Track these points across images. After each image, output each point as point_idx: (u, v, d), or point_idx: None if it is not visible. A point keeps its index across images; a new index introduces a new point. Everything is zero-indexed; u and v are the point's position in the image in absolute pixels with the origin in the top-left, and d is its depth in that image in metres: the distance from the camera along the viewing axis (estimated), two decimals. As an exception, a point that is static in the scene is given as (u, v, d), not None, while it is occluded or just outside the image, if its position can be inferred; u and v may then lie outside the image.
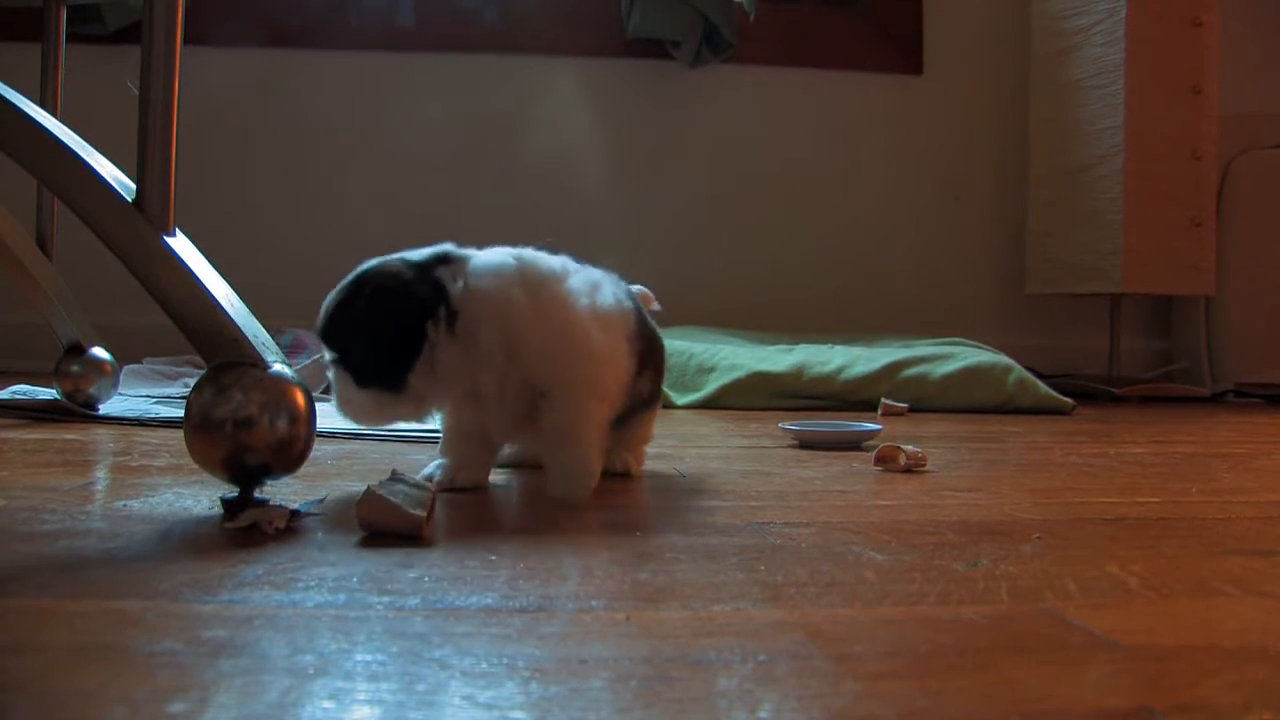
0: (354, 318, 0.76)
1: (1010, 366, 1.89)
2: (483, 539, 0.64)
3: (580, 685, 0.38)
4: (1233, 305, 2.42)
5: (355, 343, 0.77)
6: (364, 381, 0.77)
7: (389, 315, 0.76)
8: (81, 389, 1.29)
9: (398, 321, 0.76)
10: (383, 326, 0.76)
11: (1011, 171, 2.56)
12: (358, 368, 0.77)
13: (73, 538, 0.61)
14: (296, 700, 0.36)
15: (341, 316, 0.77)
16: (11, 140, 0.72)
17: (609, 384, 0.80)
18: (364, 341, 0.76)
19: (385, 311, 0.76)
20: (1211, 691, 0.39)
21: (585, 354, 0.79)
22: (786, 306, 2.49)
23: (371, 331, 0.76)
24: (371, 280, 0.76)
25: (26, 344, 1.84)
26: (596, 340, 0.79)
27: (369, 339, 0.76)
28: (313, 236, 2.39)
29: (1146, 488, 0.92)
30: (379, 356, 0.76)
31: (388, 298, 0.76)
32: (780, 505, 0.79)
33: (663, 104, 2.53)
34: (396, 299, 0.76)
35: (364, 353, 0.77)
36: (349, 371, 0.77)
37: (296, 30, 2.41)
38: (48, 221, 1.31)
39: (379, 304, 0.75)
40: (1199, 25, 2.17)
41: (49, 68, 1.28)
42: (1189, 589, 0.55)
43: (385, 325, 0.76)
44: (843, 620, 0.48)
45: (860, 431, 1.22)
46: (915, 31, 2.59)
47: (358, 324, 0.76)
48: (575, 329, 0.78)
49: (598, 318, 0.81)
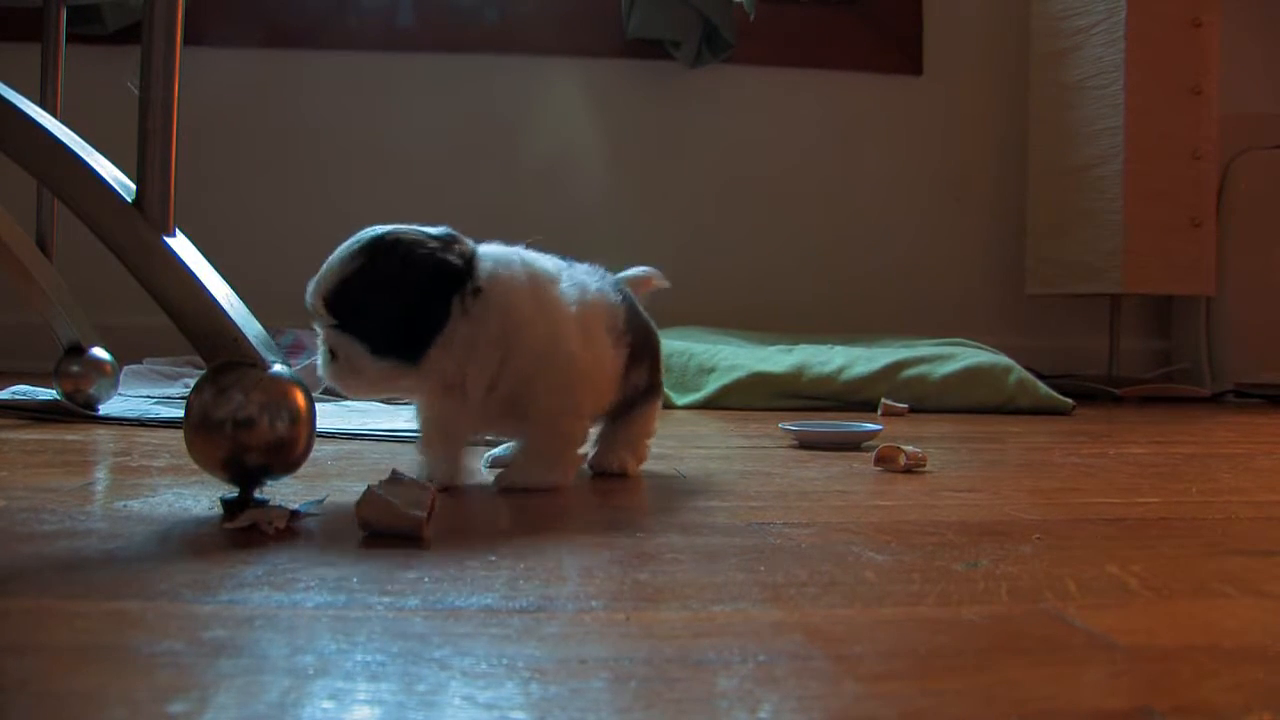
0: (376, 282, 0.73)
1: (1010, 367, 1.89)
2: (483, 539, 0.64)
3: (580, 685, 0.38)
4: (1233, 305, 2.42)
5: (376, 309, 0.73)
6: (381, 350, 0.73)
7: (417, 283, 0.73)
8: (81, 389, 1.29)
9: (428, 290, 0.73)
10: (411, 294, 0.73)
11: (1011, 171, 2.56)
12: (376, 336, 0.73)
13: (73, 538, 0.61)
14: (296, 700, 0.36)
15: (360, 281, 0.73)
16: (11, 140, 0.72)
17: (587, 405, 0.82)
18: (388, 308, 0.73)
19: (415, 279, 0.73)
20: (1211, 692, 0.39)
21: (566, 377, 0.78)
22: (786, 307, 2.49)
23: (399, 298, 0.73)
24: (395, 245, 0.73)
25: (26, 344, 1.84)
26: (580, 359, 0.79)
27: (395, 306, 0.73)
28: (313, 236, 2.37)
29: (1146, 488, 0.92)
30: (403, 326, 0.73)
31: (419, 264, 0.73)
32: (780, 505, 0.79)
33: (662, 104, 2.53)
34: (427, 266, 0.73)
35: (386, 320, 0.73)
36: (363, 340, 0.73)
37: (296, 30, 2.41)
38: (48, 221, 1.31)
39: (410, 269, 0.73)
40: (1199, 25, 2.17)
41: (49, 68, 1.28)
42: (1189, 589, 0.55)
43: (413, 293, 0.73)
44: (842, 621, 0.48)
45: (860, 432, 1.22)
46: (915, 31, 2.59)
47: (381, 289, 0.73)
48: (561, 344, 0.78)
49: (583, 317, 0.81)
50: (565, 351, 0.78)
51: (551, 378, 0.78)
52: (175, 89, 0.71)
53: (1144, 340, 2.64)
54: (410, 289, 0.73)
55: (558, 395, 0.79)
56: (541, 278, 0.80)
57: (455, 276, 0.74)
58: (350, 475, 0.87)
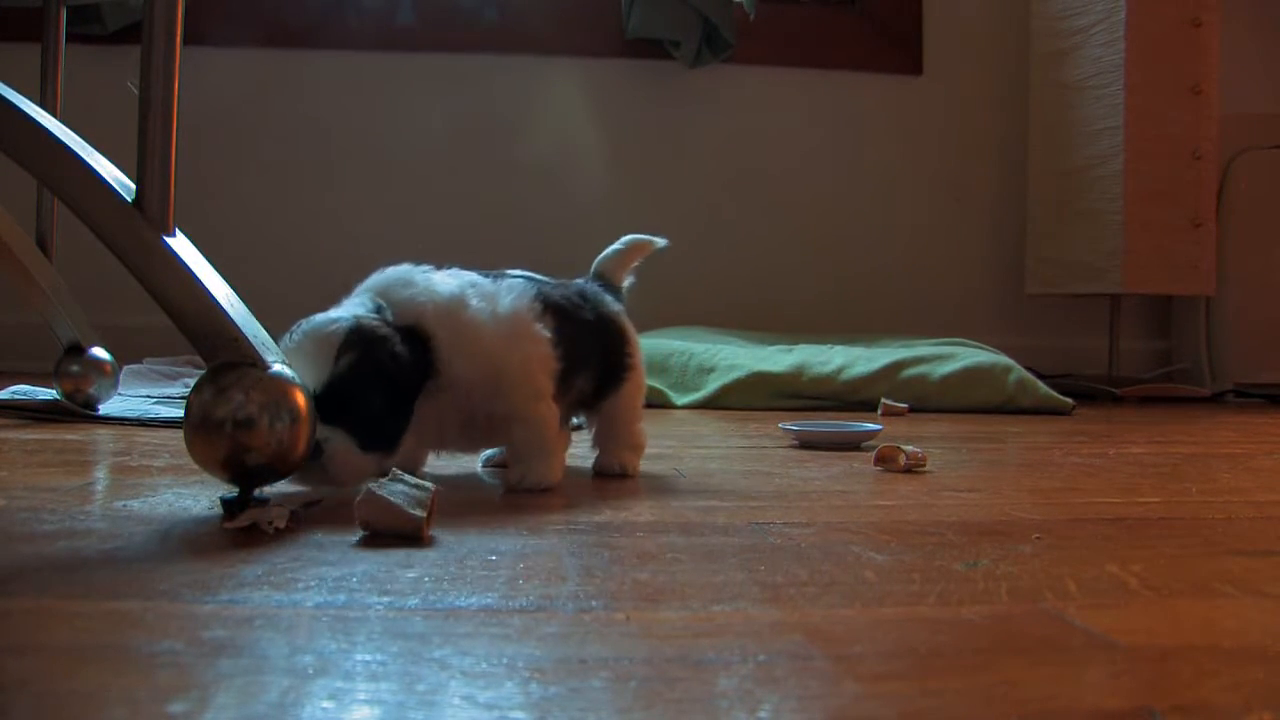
0: (359, 387, 0.74)
1: (1010, 366, 1.89)
2: (483, 539, 0.64)
3: (580, 685, 0.38)
4: (1233, 305, 2.42)
5: (364, 411, 0.74)
6: (369, 445, 0.74)
7: (393, 380, 0.75)
8: (81, 389, 1.29)
9: (401, 385, 0.76)
10: (389, 391, 0.75)
11: (1011, 171, 2.56)
12: (364, 433, 0.74)
13: (73, 538, 0.61)
14: (296, 700, 0.36)
15: (344, 388, 0.73)
16: (11, 140, 0.72)
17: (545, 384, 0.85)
18: (371, 407, 0.75)
19: (390, 377, 0.75)
20: (1211, 691, 0.39)
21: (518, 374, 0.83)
22: (786, 306, 2.49)
23: (380, 396, 0.75)
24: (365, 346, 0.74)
25: (26, 344, 1.84)
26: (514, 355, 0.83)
27: (380, 405, 0.75)
28: (312, 236, 2.39)
29: (1146, 488, 0.92)
30: (384, 420, 0.76)
31: (390, 363, 0.75)
32: (780, 505, 0.79)
33: (662, 104, 2.52)
34: (397, 365, 0.75)
35: (371, 418, 0.75)
36: (353, 437, 0.74)
37: (296, 30, 2.41)
38: (48, 221, 1.31)
39: (389, 375, 0.75)
40: (1199, 25, 2.17)
41: (49, 68, 1.28)
42: (1189, 589, 0.55)
43: (390, 390, 0.75)
44: (842, 620, 0.48)
45: (860, 431, 1.22)
46: (915, 31, 2.59)
47: (364, 392, 0.74)
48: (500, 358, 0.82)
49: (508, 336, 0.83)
50: (504, 363, 0.82)
51: (507, 388, 0.82)
52: (175, 89, 0.71)
53: (1144, 340, 2.64)
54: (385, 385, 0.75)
55: (517, 396, 0.83)
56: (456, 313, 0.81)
57: (418, 369, 0.77)
58: (350, 475, 0.87)
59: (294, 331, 0.75)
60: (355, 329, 0.74)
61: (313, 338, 0.74)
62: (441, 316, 0.79)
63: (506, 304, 0.84)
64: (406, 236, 2.33)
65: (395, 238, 2.33)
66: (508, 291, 0.85)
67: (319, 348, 0.73)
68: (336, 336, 0.74)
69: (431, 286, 0.82)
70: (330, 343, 0.73)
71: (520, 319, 0.84)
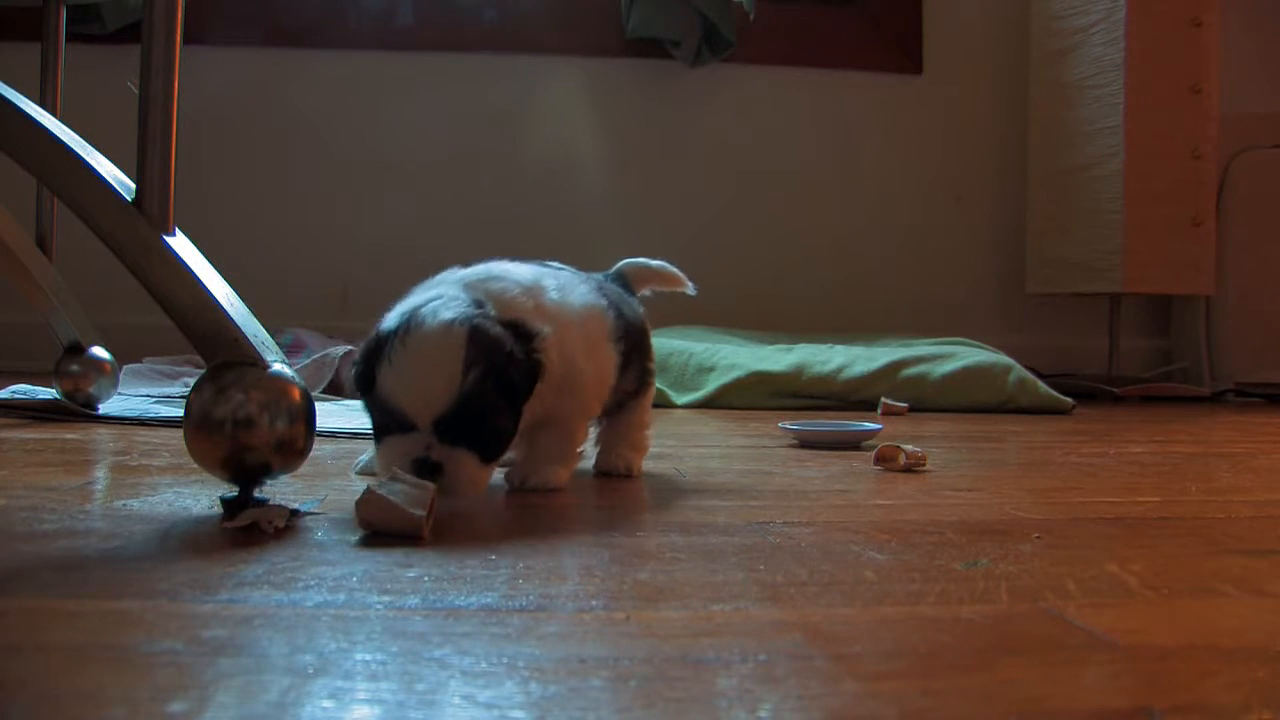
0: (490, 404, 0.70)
1: (1010, 366, 1.89)
2: (483, 539, 0.64)
3: (580, 685, 0.38)
4: (1233, 305, 2.42)
5: (491, 424, 0.71)
6: (490, 458, 0.72)
7: (516, 390, 0.72)
8: (81, 389, 1.29)
9: (522, 392, 0.73)
10: (513, 404, 0.73)
11: (1011, 171, 2.56)
12: (489, 448, 0.72)
13: (73, 538, 0.61)
14: (296, 700, 0.36)
15: (476, 407, 0.69)
16: (11, 140, 0.72)
17: (596, 409, 0.85)
18: (499, 422, 0.72)
19: (514, 387, 0.72)
20: (1211, 691, 0.39)
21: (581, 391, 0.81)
22: (786, 306, 2.49)
23: (507, 412, 0.72)
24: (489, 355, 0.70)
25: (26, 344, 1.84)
26: (587, 372, 0.81)
27: (505, 417, 0.72)
28: (312, 236, 2.39)
29: (1146, 487, 0.92)
30: (507, 430, 0.73)
31: (512, 373, 0.71)
32: (780, 505, 0.79)
33: (662, 104, 2.52)
34: (519, 373, 0.72)
35: (497, 431, 0.72)
36: (476, 452, 0.71)
37: (295, 30, 2.41)
38: (48, 221, 1.31)
39: (511, 383, 0.71)
40: (1199, 25, 2.17)
41: (49, 68, 1.28)
42: (1189, 589, 0.55)
43: (514, 401, 0.72)
44: (842, 620, 0.48)
45: (860, 431, 1.22)
46: (915, 31, 2.59)
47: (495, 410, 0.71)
48: (576, 363, 0.80)
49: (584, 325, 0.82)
50: (579, 369, 0.80)
51: (569, 393, 0.80)
52: (175, 89, 0.71)
53: (1144, 339, 2.64)
54: (511, 399, 0.72)
55: (572, 403, 0.81)
56: (548, 308, 0.79)
57: (534, 374, 0.74)
58: (350, 475, 0.87)
59: (401, 330, 0.69)
60: (475, 333, 0.70)
61: (433, 343, 0.69)
62: (542, 313, 0.77)
63: (579, 302, 0.83)
64: (406, 235, 2.33)
65: (395, 237, 2.33)
66: (574, 288, 0.84)
67: (442, 355, 0.68)
68: (458, 343, 0.69)
69: (525, 280, 0.79)
70: (453, 352, 0.68)
71: (597, 324, 0.83)
